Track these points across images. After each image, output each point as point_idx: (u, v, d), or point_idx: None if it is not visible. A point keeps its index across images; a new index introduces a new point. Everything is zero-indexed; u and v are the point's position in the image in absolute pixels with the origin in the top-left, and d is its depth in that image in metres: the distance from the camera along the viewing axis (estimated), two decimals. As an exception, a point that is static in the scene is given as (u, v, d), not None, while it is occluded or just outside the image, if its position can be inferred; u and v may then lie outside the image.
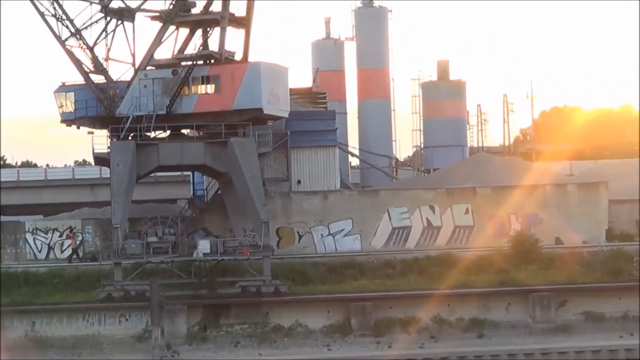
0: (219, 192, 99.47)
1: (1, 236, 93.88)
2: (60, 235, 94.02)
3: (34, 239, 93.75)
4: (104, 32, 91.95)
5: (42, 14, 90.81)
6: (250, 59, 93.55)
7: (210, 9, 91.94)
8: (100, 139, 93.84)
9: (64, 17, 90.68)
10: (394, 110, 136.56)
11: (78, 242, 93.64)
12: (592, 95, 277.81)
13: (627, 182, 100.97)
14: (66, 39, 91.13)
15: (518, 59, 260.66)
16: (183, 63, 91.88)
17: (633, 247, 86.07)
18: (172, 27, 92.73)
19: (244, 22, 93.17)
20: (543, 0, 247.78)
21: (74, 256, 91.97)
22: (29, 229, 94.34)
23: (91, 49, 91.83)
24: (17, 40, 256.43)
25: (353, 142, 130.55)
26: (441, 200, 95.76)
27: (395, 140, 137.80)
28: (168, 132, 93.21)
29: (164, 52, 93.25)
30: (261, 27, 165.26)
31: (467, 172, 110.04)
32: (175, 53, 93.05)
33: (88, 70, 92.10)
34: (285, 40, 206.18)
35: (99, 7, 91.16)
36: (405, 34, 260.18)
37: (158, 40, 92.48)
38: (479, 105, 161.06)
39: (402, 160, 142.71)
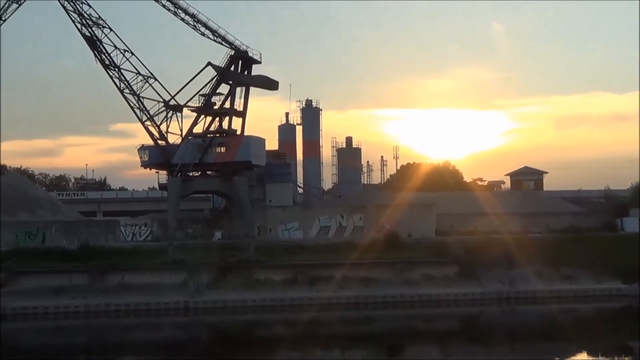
0: (227, 205, 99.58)
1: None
2: (139, 228, 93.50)
3: (124, 230, 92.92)
4: (165, 117, 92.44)
5: (132, 107, 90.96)
6: (245, 133, 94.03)
7: (223, 106, 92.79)
8: (162, 176, 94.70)
9: (143, 108, 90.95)
10: (322, 162, 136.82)
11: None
12: (430, 153, 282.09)
13: (446, 205, 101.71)
14: (145, 121, 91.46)
15: (396, 132, 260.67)
16: (208, 135, 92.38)
17: (452, 239, 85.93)
18: (202, 116, 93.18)
19: (242, 114, 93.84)
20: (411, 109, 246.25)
21: None
22: (122, 224, 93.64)
23: (158, 127, 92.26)
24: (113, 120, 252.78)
25: (300, 179, 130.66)
26: (347, 212, 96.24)
27: (322, 179, 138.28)
28: (199, 172, 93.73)
29: (198, 128, 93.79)
30: (251, 115, 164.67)
31: (361, 197, 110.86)
32: (204, 129, 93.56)
33: (156, 138, 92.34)
34: (263, 122, 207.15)
35: (162, 103, 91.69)
36: (329, 120, 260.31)
37: (194, 122, 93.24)
38: (367, 161, 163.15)
39: (326, 190, 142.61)
